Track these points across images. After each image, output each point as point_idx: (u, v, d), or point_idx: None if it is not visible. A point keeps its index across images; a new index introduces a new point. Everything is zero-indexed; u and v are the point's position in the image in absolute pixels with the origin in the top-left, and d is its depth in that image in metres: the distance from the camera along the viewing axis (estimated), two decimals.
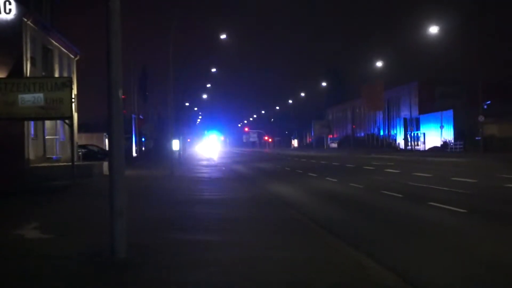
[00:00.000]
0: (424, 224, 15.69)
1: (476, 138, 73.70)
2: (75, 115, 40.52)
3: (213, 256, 10.81)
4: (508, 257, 11.46)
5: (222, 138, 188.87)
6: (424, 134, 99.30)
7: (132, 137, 65.62)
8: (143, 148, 76.64)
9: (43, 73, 38.37)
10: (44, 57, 39.50)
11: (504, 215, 16.95)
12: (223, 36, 53.22)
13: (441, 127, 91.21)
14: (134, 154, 66.26)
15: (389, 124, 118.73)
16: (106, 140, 56.15)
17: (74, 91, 36.64)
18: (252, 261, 10.39)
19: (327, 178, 32.72)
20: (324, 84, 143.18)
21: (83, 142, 54.26)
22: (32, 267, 10.18)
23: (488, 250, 12.13)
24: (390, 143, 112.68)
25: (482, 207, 18.77)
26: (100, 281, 9.25)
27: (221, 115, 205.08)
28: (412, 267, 10.72)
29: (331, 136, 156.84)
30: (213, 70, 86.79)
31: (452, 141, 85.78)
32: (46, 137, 39.48)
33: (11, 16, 33.94)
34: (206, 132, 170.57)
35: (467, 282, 9.76)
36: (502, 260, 11.16)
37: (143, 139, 76.82)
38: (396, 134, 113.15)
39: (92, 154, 50.50)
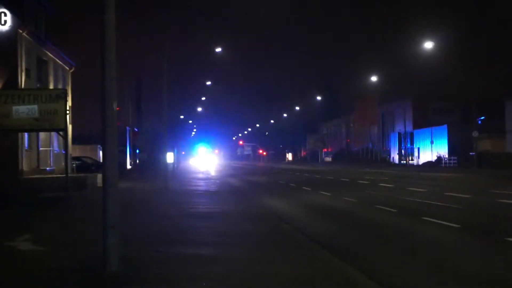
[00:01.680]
0: (418, 239, 15.69)
1: (470, 153, 73.89)
2: (69, 127, 40.49)
3: (205, 270, 10.78)
4: (499, 272, 11.47)
5: (216, 151, 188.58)
6: (418, 148, 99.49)
7: (126, 149, 65.53)
8: (137, 161, 76.53)
9: (38, 85, 38.36)
10: (39, 69, 39.51)
11: (496, 230, 16.95)
12: (218, 50, 53.31)
13: (431, 142, 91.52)
14: (128, 166, 66.16)
15: (383, 138, 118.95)
16: (100, 152, 56.05)
17: (69, 103, 36.65)
18: (244, 275, 10.36)
19: (321, 192, 32.71)
20: (319, 98, 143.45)
21: (77, 154, 54.14)
22: (24, 280, 10.14)
23: (480, 265, 12.13)
24: (384, 158, 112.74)
25: (475, 222, 18.79)
26: None
27: (216, 128, 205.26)
28: (404, 283, 10.71)
29: (325, 150, 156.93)
30: (208, 83, 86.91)
31: (446, 156, 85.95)
32: (40, 148, 39.42)
33: (6, 28, 33.98)
34: (200, 145, 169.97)
35: None
36: (493, 276, 11.16)
37: (137, 152, 76.71)
38: (390, 148, 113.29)
39: (86, 166, 50.38)
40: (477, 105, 68.55)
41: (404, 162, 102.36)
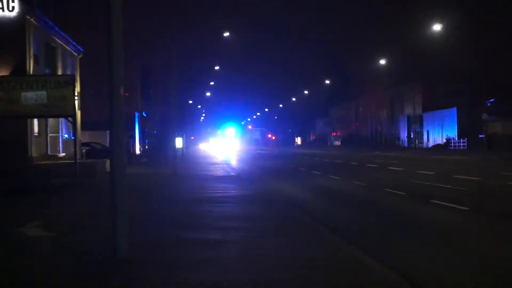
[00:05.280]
0: (427, 222, 15.68)
1: (480, 136, 73.67)
2: (78, 113, 40.55)
3: (215, 254, 10.80)
4: (507, 254, 11.44)
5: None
6: (427, 131, 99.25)
7: (135, 134, 65.62)
8: (147, 146, 76.67)
9: (46, 71, 38.38)
10: (47, 55, 39.49)
11: (505, 212, 16.91)
12: (226, 34, 53.24)
13: (442, 126, 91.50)
14: (138, 152, 66.27)
15: (393, 122, 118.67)
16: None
17: (77, 89, 36.65)
18: (254, 259, 10.38)
19: (331, 176, 32.70)
20: (328, 82, 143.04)
21: (86, 139, 54.23)
22: (34, 265, 10.19)
23: (489, 248, 12.12)
24: (393, 141, 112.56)
25: (484, 205, 18.75)
26: (101, 279, 9.25)
27: (224, 113, 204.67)
28: (413, 266, 10.70)
29: (334, 134, 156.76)
30: (217, 68, 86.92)
31: (456, 138, 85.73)
32: (49, 134, 39.51)
33: (14, 14, 33.92)
34: (228, 126, 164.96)
35: (467, 281, 9.75)
36: (501, 258, 11.14)
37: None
38: (399, 132, 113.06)
39: (95, 151, 50.41)
40: (487, 88, 68.25)
41: (414, 145, 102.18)
